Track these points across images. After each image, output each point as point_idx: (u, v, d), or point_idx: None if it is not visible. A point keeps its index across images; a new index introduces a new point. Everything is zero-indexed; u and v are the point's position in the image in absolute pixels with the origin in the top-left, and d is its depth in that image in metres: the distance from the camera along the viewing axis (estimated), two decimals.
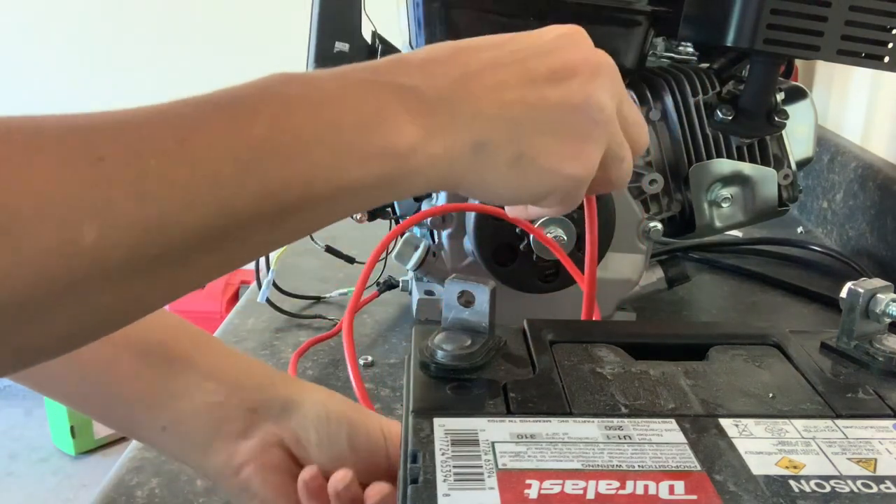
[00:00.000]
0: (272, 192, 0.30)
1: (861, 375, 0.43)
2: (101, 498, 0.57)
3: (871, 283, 0.45)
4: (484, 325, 0.43)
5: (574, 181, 0.38)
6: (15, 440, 2.61)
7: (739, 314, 0.94)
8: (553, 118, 0.37)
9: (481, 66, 0.36)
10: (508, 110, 0.36)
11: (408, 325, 0.85)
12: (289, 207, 0.31)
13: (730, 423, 0.38)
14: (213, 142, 0.29)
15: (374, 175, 0.33)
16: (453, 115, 0.35)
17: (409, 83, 0.34)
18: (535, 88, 0.37)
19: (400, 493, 0.34)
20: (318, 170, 0.31)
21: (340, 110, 0.32)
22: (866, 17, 0.71)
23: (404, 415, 0.39)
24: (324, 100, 0.32)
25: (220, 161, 0.29)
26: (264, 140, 0.30)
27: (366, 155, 0.32)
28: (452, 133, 0.35)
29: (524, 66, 0.37)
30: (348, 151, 0.32)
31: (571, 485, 0.32)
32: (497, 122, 0.36)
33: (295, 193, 0.30)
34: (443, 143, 0.35)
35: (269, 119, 0.30)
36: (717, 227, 0.83)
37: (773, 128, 0.80)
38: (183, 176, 0.28)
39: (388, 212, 0.85)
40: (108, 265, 0.27)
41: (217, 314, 2.38)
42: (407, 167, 0.34)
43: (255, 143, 0.30)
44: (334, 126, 0.32)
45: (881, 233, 1.04)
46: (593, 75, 0.39)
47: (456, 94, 0.35)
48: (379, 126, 0.33)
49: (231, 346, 0.79)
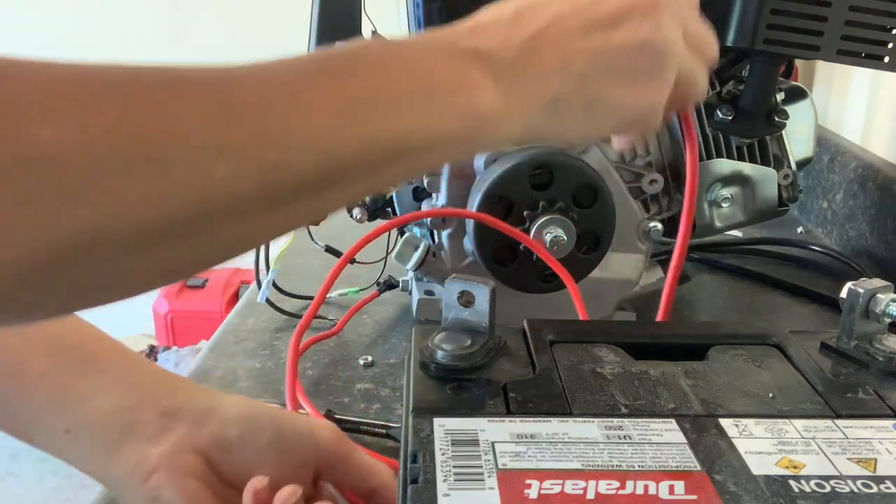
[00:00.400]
0: (371, 141, 0.33)
1: (861, 375, 0.43)
2: (101, 498, 0.57)
3: (871, 283, 0.45)
4: (484, 325, 0.43)
5: (647, 112, 0.42)
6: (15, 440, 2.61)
7: (739, 314, 0.94)
8: (618, 60, 0.40)
9: (546, 23, 0.40)
10: (574, 63, 0.39)
11: (408, 325, 0.85)
12: (386, 156, 0.34)
13: (730, 423, 0.38)
14: (321, 96, 0.32)
15: (461, 131, 0.36)
16: (525, 76, 0.38)
17: (484, 48, 0.38)
18: (596, 35, 0.40)
19: (400, 493, 0.34)
20: (410, 125, 0.35)
21: (429, 74, 0.36)
22: (866, 17, 0.71)
23: (404, 415, 0.39)
24: (413, 65, 0.36)
25: (326, 113, 0.32)
26: (362, 97, 0.33)
27: (453, 115, 0.36)
28: (526, 93, 0.39)
29: (584, 16, 0.40)
30: (438, 111, 0.36)
31: (571, 485, 0.32)
32: (565, 77, 0.39)
33: (390, 144, 0.34)
34: (518, 102, 0.38)
35: (366, 79, 0.34)
36: (717, 227, 0.83)
37: (773, 128, 0.80)
38: (297, 125, 0.31)
39: (388, 212, 0.85)
40: (235, 199, 0.30)
41: (217, 314, 2.38)
42: (489, 125, 0.37)
43: (354, 99, 0.33)
44: (424, 89, 0.36)
45: (881, 233, 1.04)
46: (652, 9, 0.41)
47: (525, 56, 0.39)
48: (461, 90, 0.36)
49: (228, 347, 0.80)
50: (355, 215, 0.81)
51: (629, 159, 0.80)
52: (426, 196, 0.79)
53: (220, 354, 0.78)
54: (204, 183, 0.29)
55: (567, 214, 0.71)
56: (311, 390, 0.71)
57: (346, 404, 0.69)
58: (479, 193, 0.71)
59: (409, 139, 0.35)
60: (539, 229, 0.71)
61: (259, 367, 0.76)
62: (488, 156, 0.73)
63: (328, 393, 0.71)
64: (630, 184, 0.78)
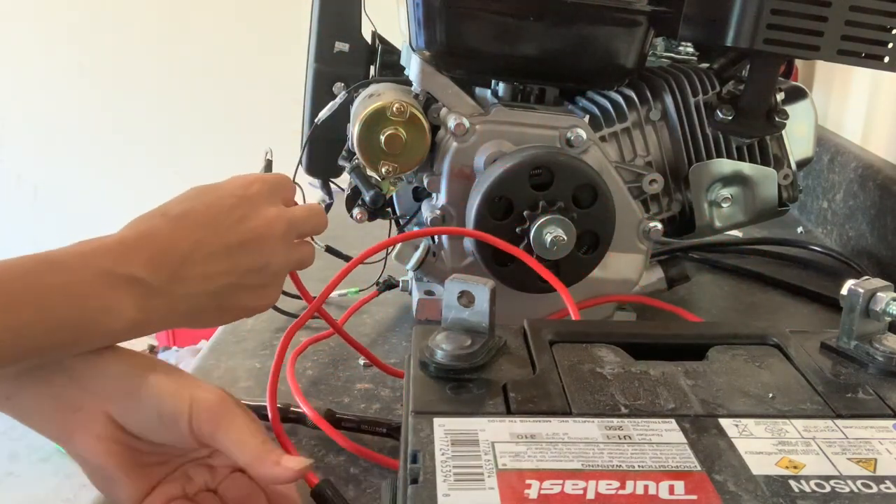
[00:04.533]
0: (30, 350, 0.43)
1: (861, 375, 0.43)
2: (101, 498, 0.57)
3: (871, 282, 0.45)
4: (484, 325, 0.43)
5: (266, 306, 0.55)
6: (15, 440, 2.61)
7: (739, 314, 0.94)
8: (246, 278, 0.52)
9: (191, 247, 0.49)
10: (213, 282, 0.50)
11: (408, 325, 0.85)
12: (40, 355, 0.44)
13: (730, 423, 0.38)
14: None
15: (99, 342, 0.46)
16: (172, 297, 0.48)
17: (139, 275, 0.46)
18: (230, 259, 0.51)
19: (400, 492, 0.34)
20: (63, 342, 0.44)
21: (84, 302, 0.44)
22: (866, 17, 0.71)
23: (404, 415, 0.39)
24: (72, 293, 0.44)
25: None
26: (30, 322, 0.42)
27: (95, 334, 0.45)
28: (170, 310, 0.48)
29: (220, 242, 0.51)
30: (84, 333, 0.45)
31: (571, 485, 0.32)
32: (206, 294, 0.50)
33: (46, 351, 0.44)
34: (159, 318, 0.48)
35: (33, 309, 0.43)
36: (717, 227, 0.83)
37: (773, 128, 0.80)
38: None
39: (387, 212, 0.85)
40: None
41: None
42: (124, 335, 0.47)
43: (22, 325, 0.42)
44: (79, 316, 0.44)
45: (881, 233, 1.04)
46: (267, 240, 0.53)
47: (173, 281, 0.48)
48: (109, 315, 0.45)
49: (228, 347, 0.80)
50: (355, 215, 0.82)
51: (629, 159, 0.80)
52: (426, 196, 0.79)
53: (220, 354, 0.78)
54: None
55: (567, 214, 0.71)
56: (310, 390, 0.71)
57: (346, 404, 0.69)
58: (479, 193, 0.71)
59: (59, 348, 0.45)
60: (539, 229, 0.71)
61: (259, 367, 0.76)
62: (488, 155, 0.73)
63: (328, 393, 0.71)
64: (630, 184, 0.78)
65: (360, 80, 0.89)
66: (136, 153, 2.63)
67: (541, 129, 0.75)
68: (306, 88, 0.94)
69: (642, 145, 0.80)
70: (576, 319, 0.63)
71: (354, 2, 0.93)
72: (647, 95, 0.79)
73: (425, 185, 0.77)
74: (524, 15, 0.73)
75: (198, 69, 2.56)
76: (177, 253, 0.49)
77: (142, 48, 2.56)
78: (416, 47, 0.75)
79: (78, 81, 2.59)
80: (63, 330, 0.44)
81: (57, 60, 2.58)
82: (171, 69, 2.57)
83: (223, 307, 0.53)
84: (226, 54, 2.54)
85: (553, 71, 0.77)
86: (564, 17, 0.73)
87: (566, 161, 0.72)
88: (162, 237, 0.49)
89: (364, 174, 0.79)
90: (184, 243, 0.49)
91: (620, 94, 0.80)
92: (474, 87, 0.82)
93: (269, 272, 0.54)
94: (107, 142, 2.64)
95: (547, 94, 0.80)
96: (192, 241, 0.50)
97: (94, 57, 2.58)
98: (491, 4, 0.73)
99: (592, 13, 0.73)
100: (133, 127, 2.63)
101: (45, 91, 2.62)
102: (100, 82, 2.60)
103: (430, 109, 0.77)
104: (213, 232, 0.51)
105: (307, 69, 0.94)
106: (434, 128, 0.76)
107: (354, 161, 0.79)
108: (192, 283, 0.49)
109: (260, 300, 0.54)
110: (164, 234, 0.49)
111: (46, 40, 2.58)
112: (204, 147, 2.63)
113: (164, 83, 2.59)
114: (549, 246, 0.71)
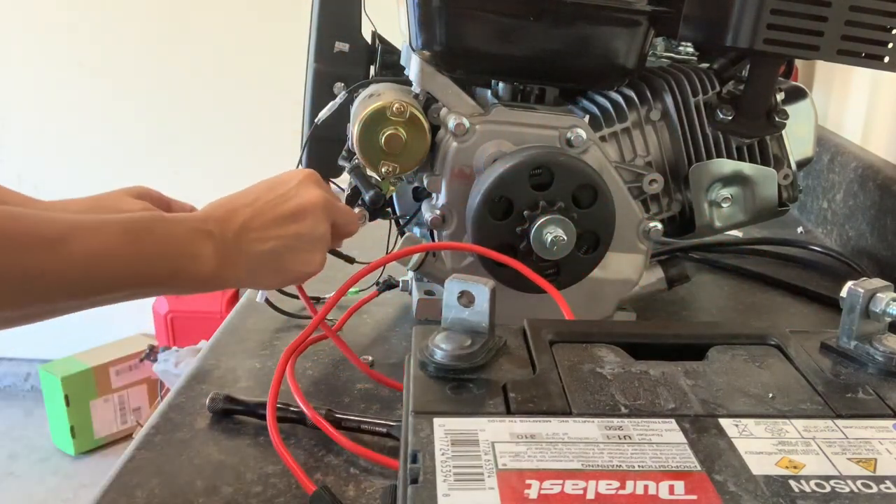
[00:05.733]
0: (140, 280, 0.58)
1: (861, 375, 0.43)
2: (101, 498, 0.57)
3: (871, 283, 0.45)
4: (484, 325, 0.43)
5: (313, 272, 0.68)
6: (15, 440, 2.61)
7: (739, 314, 0.94)
8: (294, 243, 0.66)
9: (248, 217, 0.64)
10: (268, 244, 0.64)
11: (408, 325, 0.85)
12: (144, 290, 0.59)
13: (730, 423, 0.38)
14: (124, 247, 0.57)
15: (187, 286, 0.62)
16: (237, 253, 0.63)
17: (214, 231, 0.61)
18: (282, 227, 0.65)
19: (400, 493, 0.34)
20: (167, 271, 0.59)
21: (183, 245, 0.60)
22: (866, 17, 0.71)
23: (404, 415, 0.39)
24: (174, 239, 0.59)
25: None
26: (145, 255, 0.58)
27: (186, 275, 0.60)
28: (235, 264, 0.63)
29: (273, 213, 0.65)
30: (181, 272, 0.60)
31: (571, 485, 0.32)
32: (262, 256, 0.64)
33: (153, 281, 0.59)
34: (230, 269, 0.62)
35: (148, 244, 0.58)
36: (717, 227, 0.83)
37: (773, 128, 0.80)
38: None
39: (387, 212, 0.85)
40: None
41: (217, 314, 2.38)
42: (204, 283, 0.61)
43: (138, 254, 0.57)
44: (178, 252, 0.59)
45: (881, 233, 1.04)
46: (311, 211, 0.66)
47: (236, 242, 0.63)
48: (196, 259, 0.60)
49: (228, 347, 0.80)
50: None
51: (629, 159, 0.80)
52: (426, 196, 0.79)
53: (220, 354, 0.78)
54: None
55: (567, 214, 0.71)
56: (311, 390, 0.71)
57: (346, 404, 0.69)
58: (479, 193, 0.71)
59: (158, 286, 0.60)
60: (539, 229, 0.71)
61: (259, 367, 0.76)
62: (488, 155, 0.73)
63: (328, 393, 0.71)
64: (630, 184, 0.78)
65: (360, 80, 0.89)
66: (136, 153, 2.63)
67: (541, 129, 0.75)
68: (306, 88, 0.94)
69: (642, 145, 0.80)
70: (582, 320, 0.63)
71: (354, 2, 0.93)
72: (647, 95, 0.79)
73: (425, 185, 0.77)
74: (524, 15, 0.73)
75: (198, 69, 2.56)
76: (239, 217, 0.64)
77: (142, 48, 2.56)
78: (416, 47, 0.75)
79: (78, 81, 2.59)
80: (162, 266, 0.58)
81: (57, 60, 2.58)
82: (171, 69, 2.57)
83: (278, 268, 0.66)
84: (226, 54, 2.53)
85: (553, 71, 0.77)
86: (564, 17, 0.73)
87: (566, 161, 0.72)
88: (230, 206, 0.65)
89: (364, 174, 0.79)
90: (246, 210, 0.64)
91: (620, 94, 0.80)
92: (474, 87, 0.82)
93: (313, 238, 0.66)
94: (107, 141, 2.64)
95: (547, 94, 0.80)
96: (252, 210, 0.65)
97: (95, 57, 2.57)
98: (490, 4, 0.73)
99: (592, 13, 0.73)
100: (133, 127, 2.63)
101: (45, 91, 2.62)
102: (100, 82, 2.59)
103: (430, 109, 0.77)
104: (268, 205, 0.65)
105: (307, 69, 0.94)
106: (434, 128, 0.76)
107: (354, 161, 0.79)
108: (252, 244, 0.64)
109: (307, 266, 0.67)
110: (231, 204, 0.65)
111: (47, 40, 2.57)
112: (204, 147, 2.63)
113: (165, 83, 2.58)
114: (549, 246, 0.71)
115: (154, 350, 2.42)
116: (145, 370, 2.50)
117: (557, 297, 0.62)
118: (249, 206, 0.65)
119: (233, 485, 0.58)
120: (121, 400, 2.57)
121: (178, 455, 0.62)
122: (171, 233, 0.59)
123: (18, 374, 2.89)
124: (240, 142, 2.59)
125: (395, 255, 0.71)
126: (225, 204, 0.65)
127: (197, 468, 0.60)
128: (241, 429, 0.66)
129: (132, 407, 2.60)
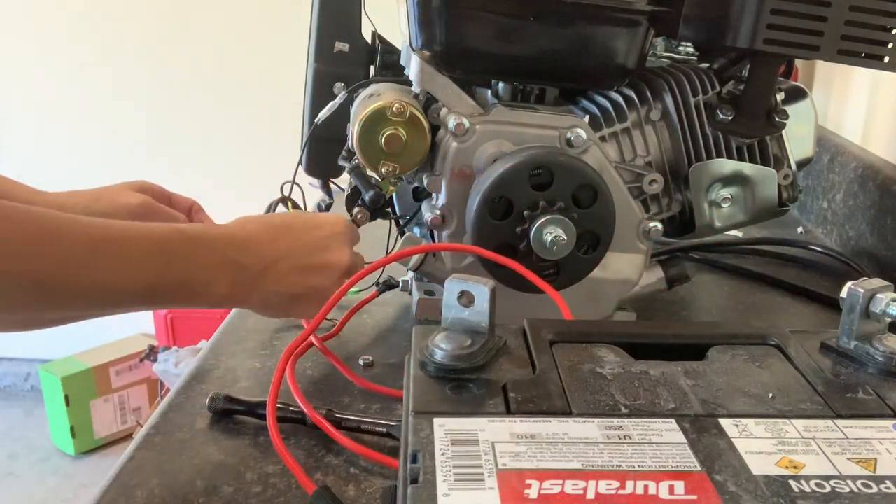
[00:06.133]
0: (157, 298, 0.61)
1: (861, 375, 0.43)
2: (101, 498, 0.57)
3: (871, 283, 0.45)
4: (484, 325, 0.43)
5: (310, 317, 0.69)
6: (15, 440, 2.61)
7: (739, 314, 0.94)
8: (308, 293, 0.68)
9: (277, 258, 0.66)
10: (284, 288, 0.66)
11: (408, 325, 0.85)
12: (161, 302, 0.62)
13: (730, 423, 0.38)
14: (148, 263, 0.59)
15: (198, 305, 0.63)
16: (253, 288, 0.65)
17: (242, 261, 0.63)
18: (304, 276, 0.67)
19: (400, 493, 0.34)
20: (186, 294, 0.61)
21: (202, 271, 0.61)
22: (866, 17, 0.71)
23: (404, 415, 0.39)
24: (195, 259, 0.61)
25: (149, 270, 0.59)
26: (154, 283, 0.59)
27: (202, 295, 0.62)
28: (248, 296, 0.65)
29: (300, 262, 0.67)
30: (198, 292, 0.62)
31: (571, 485, 0.32)
32: (275, 296, 0.67)
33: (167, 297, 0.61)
34: (241, 299, 0.65)
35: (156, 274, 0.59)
36: (717, 227, 0.83)
37: (773, 128, 0.80)
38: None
39: (387, 212, 0.85)
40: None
41: (217, 314, 2.38)
42: (212, 305, 0.63)
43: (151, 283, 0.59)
44: (193, 277, 0.61)
45: (881, 233, 1.04)
46: (338, 271, 0.69)
47: (257, 277, 0.64)
48: (210, 286, 0.62)
49: (228, 347, 0.80)
50: (355, 215, 0.81)
51: (629, 159, 0.80)
52: (426, 196, 0.79)
53: (220, 354, 0.78)
54: None
55: (567, 214, 0.71)
56: (311, 390, 0.71)
57: (346, 404, 0.69)
58: (479, 193, 0.71)
59: (168, 301, 0.61)
60: (539, 229, 0.71)
61: (259, 367, 0.76)
62: (488, 155, 0.73)
63: (328, 393, 0.71)
64: (630, 184, 0.78)
65: (360, 80, 0.89)
66: (136, 153, 2.63)
67: (541, 129, 0.75)
68: (306, 88, 0.94)
69: (642, 145, 0.80)
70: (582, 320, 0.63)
71: (354, 2, 0.93)
72: (647, 95, 0.79)
73: (425, 185, 0.77)
74: (524, 15, 0.73)
75: (198, 69, 2.56)
76: (268, 254, 0.65)
77: (142, 48, 2.56)
78: (416, 47, 0.75)
79: (78, 81, 2.59)
80: (180, 291, 0.60)
81: (57, 60, 2.58)
82: (171, 69, 2.56)
83: (286, 310, 0.70)
84: (226, 54, 2.53)
85: (553, 71, 0.77)
86: (564, 17, 0.73)
87: (566, 161, 0.72)
88: (264, 236, 0.66)
89: (364, 174, 0.79)
90: (278, 247, 0.66)
91: (620, 94, 0.80)
92: (474, 87, 0.82)
93: (327, 294, 0.65)
94: (107, 141, 2.64)
95: (547, 94, 0.80)
96: (285, 250, 0.66)
97: (95, 57, 2.58)
98: (490, 4, 0.73)
99: (592, 13, 0.73)
100: (133, 127, 2.63)
101: (45, 91, 2.62)
102: (100, 82, 2.60)
103: (430, 109, 0.77)
104: (301, 249, 0.67)
105: (307, 69, 0.94)
106: (434, 128, 0.76)
107: (354, 161, 0.79)
108: (271, 283, 0.65)
109: (310, 313, 0.68)
110: (266, 234, 0.66)
111: (46, 40, 2.57)
112: (204, 147, 2.63)
113: (164, 83, 2.59)
114: (549, 246, 0.71)
115: (154, 350, 2.42)
116: (145, 370, 2.50)
117: (556, 298, 0.62)
118: (282, 244, 0.66)
119: (233, 485, 0.58)
120: (121, 400, 2.57)
121: (177, 455, 0.62)
122: (194, 257, 0.60)
123: (18, 374, 2.89)
124: (240, 142, 2.59)
125: (395, 255, 0.71)
126: (260, 232, 0.66)
127: (197, 468, 0.60)
128: (241, 429, 0.66)
129: (132, 407, 2.60)
